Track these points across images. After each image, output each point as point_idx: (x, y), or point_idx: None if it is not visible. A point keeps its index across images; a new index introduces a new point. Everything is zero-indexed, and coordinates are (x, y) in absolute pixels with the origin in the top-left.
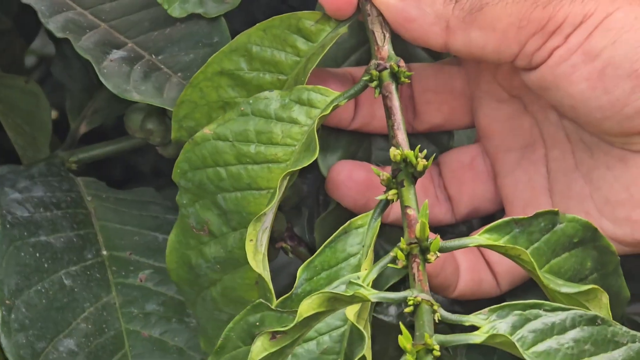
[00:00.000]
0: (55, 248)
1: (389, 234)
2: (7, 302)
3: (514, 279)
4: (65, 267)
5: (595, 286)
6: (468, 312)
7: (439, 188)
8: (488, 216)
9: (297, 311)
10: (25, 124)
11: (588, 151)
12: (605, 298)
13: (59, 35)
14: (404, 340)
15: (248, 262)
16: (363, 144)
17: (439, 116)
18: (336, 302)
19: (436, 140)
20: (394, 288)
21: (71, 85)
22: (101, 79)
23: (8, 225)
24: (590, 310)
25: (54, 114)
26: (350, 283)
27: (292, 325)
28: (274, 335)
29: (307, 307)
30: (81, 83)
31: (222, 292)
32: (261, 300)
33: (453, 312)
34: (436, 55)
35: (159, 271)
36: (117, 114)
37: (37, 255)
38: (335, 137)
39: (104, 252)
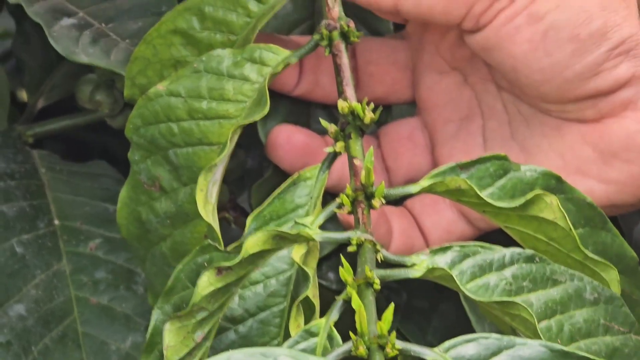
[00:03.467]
0: (8, 217)
1: None
2: None
3: None
4: (18, 235)
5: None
6: None
7: (377, 159)
8: None
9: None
10: None
11: (524, 122)
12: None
13: (12, 0)
14: (345, 273)
15: (198, 217)
16: (301, 116)
17: (380, 89)
18: (281, 240)
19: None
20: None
21: (30, 62)
22: (51, 41)
23: None
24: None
25: (24, 94)
26: (296, 223)
27: (237, 260)
28: (219, 270)
29: (252, 243)
30: (40, 59)
31: (171, 247)
32: (209, 241)
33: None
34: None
35: (109, 240)
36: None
37: None
38: (275, 106)
39: (56, 222)
